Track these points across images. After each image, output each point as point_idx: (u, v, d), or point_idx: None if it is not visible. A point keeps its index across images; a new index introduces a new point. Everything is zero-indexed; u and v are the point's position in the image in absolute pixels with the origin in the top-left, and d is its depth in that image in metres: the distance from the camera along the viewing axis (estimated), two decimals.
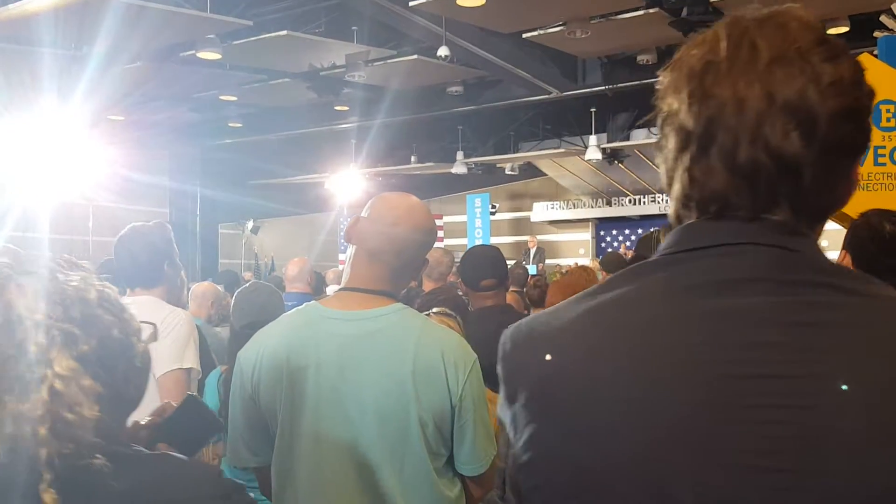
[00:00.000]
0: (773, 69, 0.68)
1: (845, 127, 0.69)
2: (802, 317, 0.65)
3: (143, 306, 2.47)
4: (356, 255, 1.61)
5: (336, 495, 1.51)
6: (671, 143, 0.73)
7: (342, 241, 13.04)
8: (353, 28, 8.09)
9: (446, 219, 14.80)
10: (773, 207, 0.70)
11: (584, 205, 16.16)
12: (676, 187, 0.74)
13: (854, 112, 0.69)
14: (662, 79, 0.75)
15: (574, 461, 0.68)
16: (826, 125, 0.67)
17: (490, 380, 1.81)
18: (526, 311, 4.63)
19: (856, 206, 2.25)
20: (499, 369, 0.76)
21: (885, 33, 3.84)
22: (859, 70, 0.70)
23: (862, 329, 0.65)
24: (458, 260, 3.18)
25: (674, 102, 0.72)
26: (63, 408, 0.82)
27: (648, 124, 11.80)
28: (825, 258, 0.71)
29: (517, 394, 0.73)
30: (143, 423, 1.14)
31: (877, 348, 0.64)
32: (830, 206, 0.72)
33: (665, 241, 0.75)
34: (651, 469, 0.64)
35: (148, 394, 2.49)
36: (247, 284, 2.89)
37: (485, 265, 2.88)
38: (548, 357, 0.72)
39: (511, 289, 4.73)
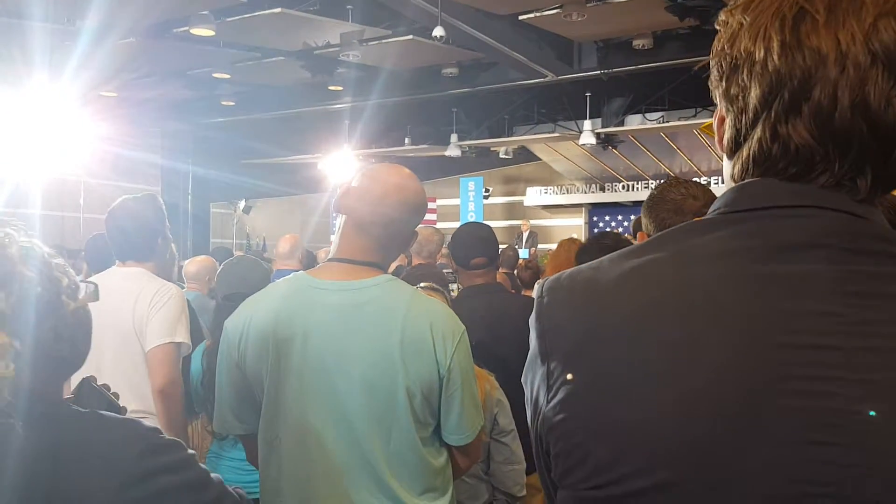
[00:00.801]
0: (878, 25, 0.62)
1: None
2: (862, 287, 0.62)
3: (134, 279, 2.46)
4: (345, 227, 1.61)
5: (322, 464, 1.52)
6: (753, 92, 0.66)
7: (334, 222, 12.99)
8: (348, 7, 8.02)
9: (439, 202, 14.78)
10: (858, 175, 0.65)
11: (578, 190, 16.17)
12: (752, 143, 0.68)
13: None
14: (728, 19, 0.69)
15: (615, 425, 0.64)
16: None
17: (478, 356, 1.83)
18: (514, 293, 4.65)
19: None
20: (534, 324, 0.72)
21: None
22: None
23: None
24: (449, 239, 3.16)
25: (756, 49, 0.65)
26: None
27: (643, 110, 11.81)
28: (892, 229, 0.67)
29: (553, 351, 0.69)
30: None
31: None
32: None
33: (721, 199, 0.71)
34: (696, 437, 0.61)
35: (137, 365, 2.49)
36: (231, 257, 2.89)
37: (475, 244, 2.86)
38: (592, 314, 0.68)
39: (501, 270, 4.74)
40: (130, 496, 0.90)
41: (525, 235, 13.82)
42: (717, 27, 0.70)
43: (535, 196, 16.54)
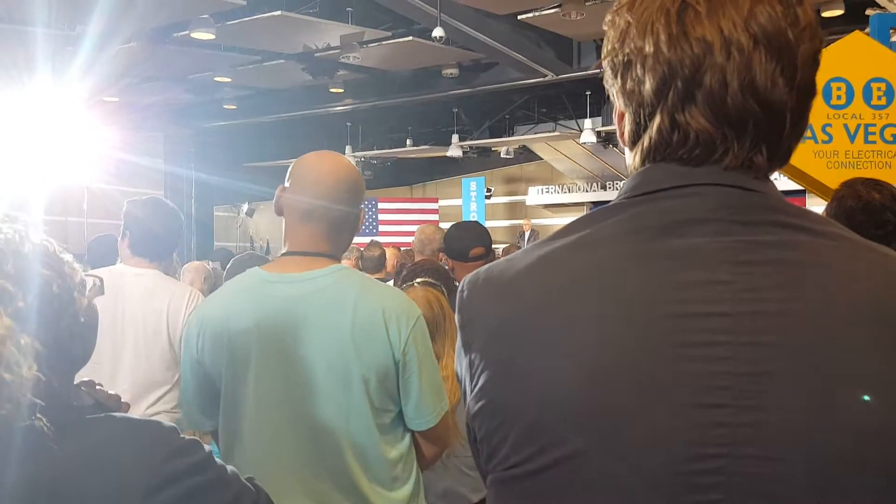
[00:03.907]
0: (755, 11, 0.66)
1: (813, 70, 0.69)
2: (750, 256, 0.66)
3: (151, 279, 2.46)
4: (289, 223, 1.62)
5: (283, 455, 1.53)
6: (648, 85, 0.69)
7: None
8: (348, 9, 8.06)
9: (441, 202, 14.80)
10: (756, 154, 0.69)
11: (579, 189, 16.17)
12: (651, 133, 0.71)
13: (818, 55, 0.69)
14: (615, 18, 0.72)
15: (527, 403, 0.68)
16: (801, 69, 0.67)
17: None
18: None
19: None
20: (456, 317, 0.76)
21: (878, 11, 3.83)
22: (815, 13, 0.70)
23: (810, 268, 0.65)
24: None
25: (646, 43, 0.69)
26: (0, 368, 0.79)
27: None
28: (784, 199, 0.71)
29: (473, 341, 0.73)
30: None
31: (823, 288, 0.64)
32: (794, 149, 0.72)
33: (625, 185, 0.75)
34: (600, 407, 0.65)
35: (159, 366, 2.49)
36: (240, 254, 2.93)
37: (472, 235, 2.94)
38: (503, 304, 0.72)
39: None
40: (158, 501, 0.88)
41: (527, 234, 13.84)
42: (605, 27, 0.73)
43: (536, 195, 16.55)
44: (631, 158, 0.76)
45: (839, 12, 6.87)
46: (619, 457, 0.64)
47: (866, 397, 0.61)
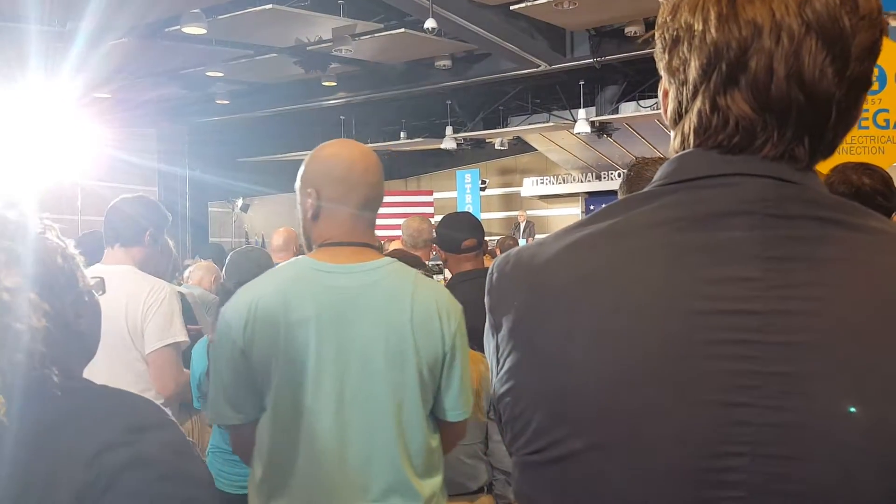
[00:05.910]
0: None
1: (869, 62, 0.66)
2: (782, 252, 0.64)
3: (121, 277, 2.42)
4: (333, 214, 1.60)
5: (339, 443, 1.53)
6: (693, 65, 0.67)
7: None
8: (339, 1, 8.03)
9: (436, 195, 14.79)
10: (797, 145, 0.67)
11: (574, 179, 16.18)
12: (692, 115, 0.69)
13: (877, 47, 0.66)
14: None
15: (551, 391, 0.67)
16: (855, 61, 0.64)
17: (472, 340, 1.85)
18: None
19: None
20: (486, 299, 0.76)
21: None
22: (880, 2, 0.67)
23: (844, 264, 0.64)
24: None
25: (695, 21, 0.66)
26: (11, 318, 0.82)
27: (637, 97, 11.80)
28: (825, 191, 0.69)
29: (501, 323, 0.73)
30: None
31: (856, 285, 0.63)
32: (839, 141, 0.70)
33: (660, 171, 0.73)
34: (622, 401, 0.64)
35: (132, 369, 2.46)
36: (240, 247, 2.92)
37: (464, 226, 2.96)
38: (532, 289, 0.71)
39: None
40: (101, 463, 0.83)
41: (522, 226, 13.88)
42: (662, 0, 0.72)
43: (531, 186, 16.55)
44: (672, 139, 0.74)
45: None
46: (639, 451, 0.64)
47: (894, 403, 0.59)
